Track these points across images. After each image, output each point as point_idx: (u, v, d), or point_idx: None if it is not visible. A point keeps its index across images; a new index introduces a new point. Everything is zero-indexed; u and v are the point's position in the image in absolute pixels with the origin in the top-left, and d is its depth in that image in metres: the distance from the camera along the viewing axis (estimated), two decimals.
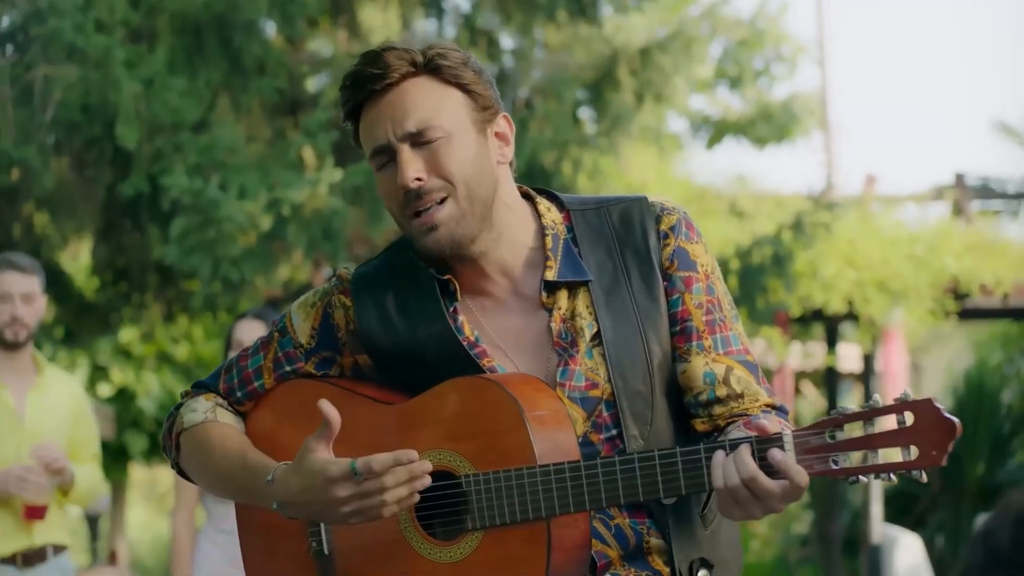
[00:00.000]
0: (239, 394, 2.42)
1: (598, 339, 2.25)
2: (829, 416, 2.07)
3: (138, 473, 16.66)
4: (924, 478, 2.04)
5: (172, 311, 8.79)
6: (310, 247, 7.10)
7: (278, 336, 2.41)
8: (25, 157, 6.57)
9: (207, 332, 12.39)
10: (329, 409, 2.16)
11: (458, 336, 2.27)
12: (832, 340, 12.05)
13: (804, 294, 10.21)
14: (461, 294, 2.31)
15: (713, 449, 2.10)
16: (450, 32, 8.44)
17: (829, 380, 12.53)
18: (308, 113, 7.57)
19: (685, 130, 11.82)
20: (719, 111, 11.49)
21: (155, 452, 13.02)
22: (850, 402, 15.57)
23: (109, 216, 7.75)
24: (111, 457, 12.81)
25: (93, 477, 5.14)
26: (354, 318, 2.35)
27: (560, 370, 2.25)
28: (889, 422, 2.03)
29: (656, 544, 2.25)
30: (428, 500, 2.19)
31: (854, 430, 2.05)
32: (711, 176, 14.79)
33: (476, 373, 2.24)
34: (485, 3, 8.32)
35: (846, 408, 2.06)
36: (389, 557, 2.24)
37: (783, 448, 2.07)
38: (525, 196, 2.35)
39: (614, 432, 2.23)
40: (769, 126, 10.73)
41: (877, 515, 11.10)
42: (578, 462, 2.16)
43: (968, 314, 11.43)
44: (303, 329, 2.39)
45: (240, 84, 7.27)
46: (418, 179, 2.22)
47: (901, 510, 12.16)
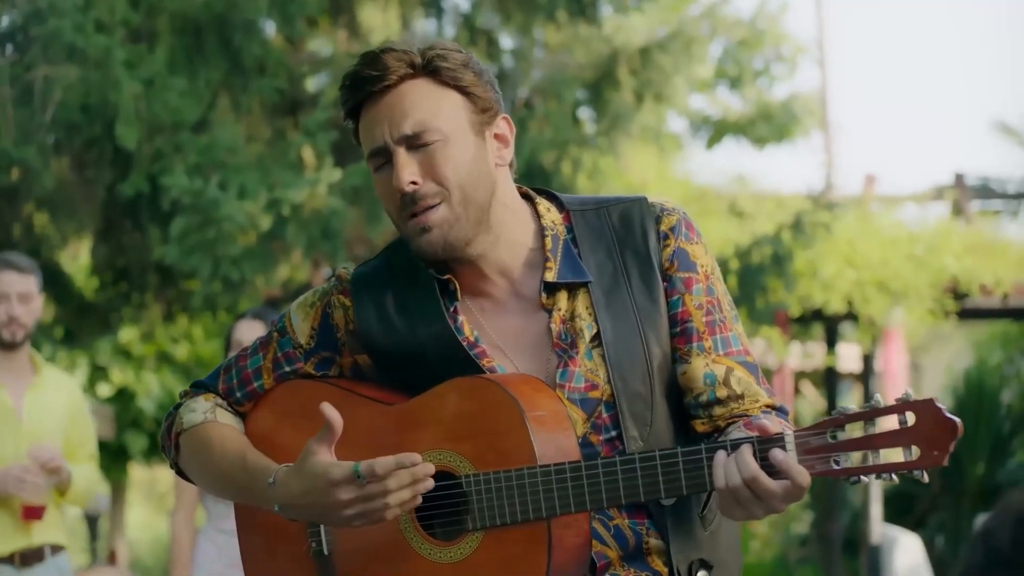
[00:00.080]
0: (238, 394, 2.41)
1: (598, 340, 2.25)
2: (830, 416, 2.07)
3: (138, 473, 16.66)
4: (925, 478, 2.04)
5: (172, 311, 8.79)
6: (309, 247, 7.09)
7: (277, 336, 2.41)
8: (25, 157, 6.57)
9: (207, 332, 12.39)
10: (331, 412, 2.16)
11: (458, 336, 2.27)
12: (832, 340, 12.05)
13: (804, 294, 10.20)
14: (461, 294, 2.30)
15: (714, 449, 2.10)
16: (450, 32, 8.43)
17: (829, 380, 12.53)
18: (308, 113, 7.57)
19: (685, 130, 11.83)
20: (719, 111, 11.50)
21: (155, 452, 13.01)
22: (850, 402, 15.55)
23: (109, 216, 7.75)
24: (111, 457, 12.81)
25: (90, 477, 5.14)
26: (353, 318, 2.34)
27: (560, 371, 2.25)
28: (890, 422, 2.03)
29: (655, 545, 2.25)
30: (428, 501, 2.19)
31: (855, 430, 2.05)
32: (711, 176, 14.81)
33: (476, 373, 2.24)
34: (485, 3, 8.31)
35: (847, 408, 2.06)
36: (389, 557, 2.24)
37: (784, 448, 2.07)
38: (525, 196, 2.34)
39: (614, 433, 2.23)
40: (769, 126, 10.74)
41: (877, 515, 11.09)
42: (579, 462, 2.16)
43: (968, 314, 11.43)
44: (302, 329, 2.39)
45: (240, 84, 7.26)
46: (413, 182, 2.22)
47: (901, 510, 12.15)
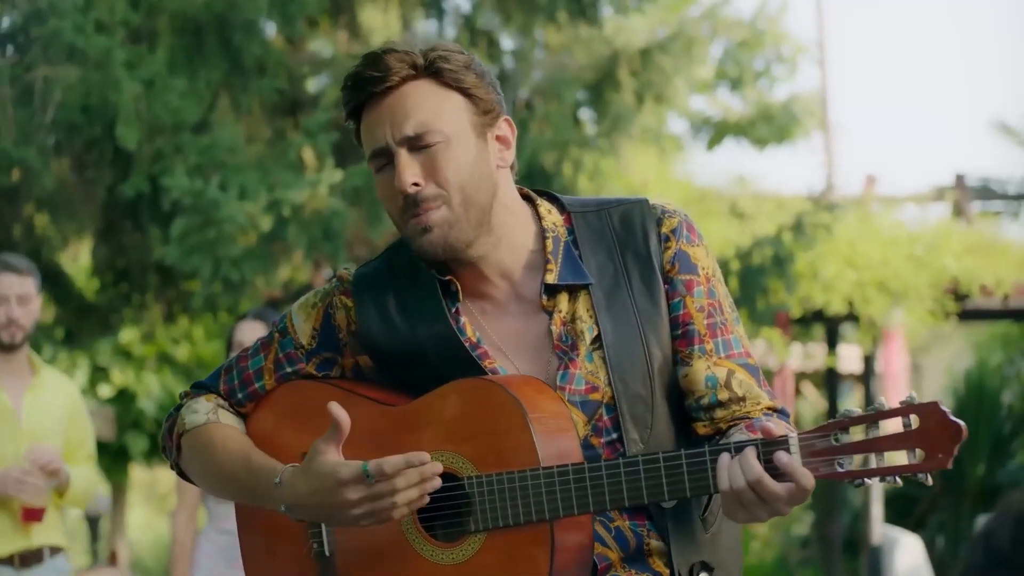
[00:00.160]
0: (240, 395, 2.41)
1: (598, 342, 2.25)
2: (835, 419, 2.07)
3: (139, 474, 16.66)
4: (929, 481, 2.04)
5: (172, 312, 8.78)
6: (310, 248, 7.09)
7: (279, 337, 2.40)
8: (25, 158, 6.57)
9: (207, 333, 12.39)
10: (339, 411, 2.15)
11: (460, 337, 2.26)
12: (832, 341, 12.05)
13: (804, 295, 10.20)
14: (462, 296, 2.30)
15: (718, 451, 2.10)
16: (450, 33, 8.43)
17: (829, 381, 12.54)
18: (308, 114, 7.57)
19: (685, 131, 11.84)
20: (719, 112, 11.50)
21: (155, 453, 13.02)
22: (850, 403, 15.59)
23: (109, 217, 7.75)
24: (112, 458, 12.83)
25: (89, 478, 5.14)
26: (355, 319, 2.34)
27: (560, 373, 2.24)
28: (894, 425, 2.03)
29: (656, 546, 2.24)
30: (430, 502, 2.18)
31: (859, 433, 2.05)
32: (711, 177, 14.84)
33: (478, 374, 2.23)
34: (485, 4, 8.31)
35: (851, 411, 2.06)
36: (390, 559, 2.24)
37: (789, 451, 2.06)
38: (526, 198, 2.34)
39: (614, 436, 2.23)
40: (769, 127, 10.74)
41: (877, 516, 11.09)
42: (582, 464, 2.15)
43: (968, 315, 11.43)
44: (304, 330, 2.38)
45: (240, 84, 7.27)
46: (415, 184, 2.22)
47: (901, 511, 12.15)
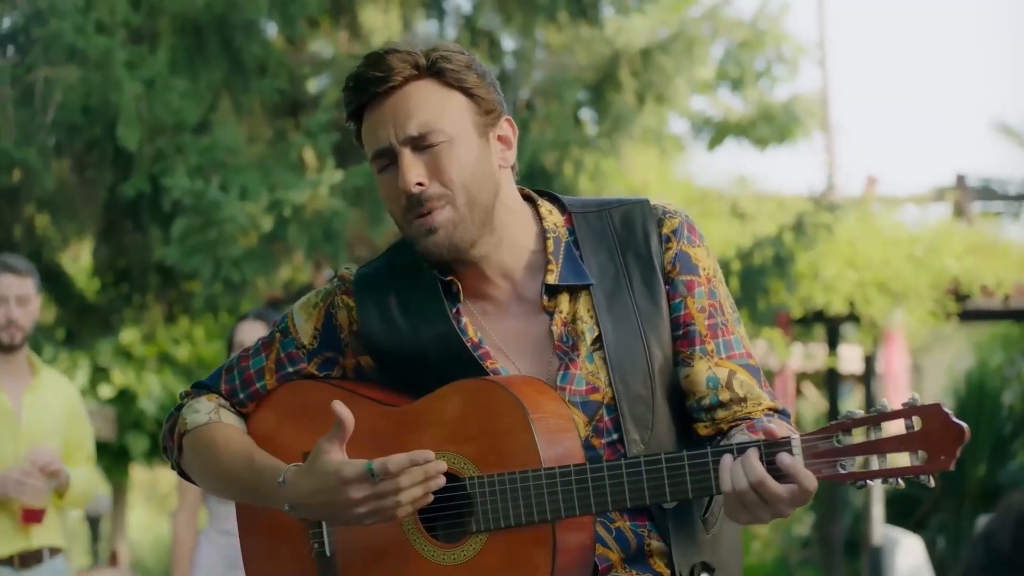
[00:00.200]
0: (241, 395, 2.41)
1: (599, 343, 2.24)
2: (837, 420, 2.07)
3: (139, 474, 16.65)
4: (932, 483, 2.04)
5: (173, 312, 8.78)
6: (311, 248, 7.09)
7: (280, 337, 2.40)
8: (26, 158, 6.57)
9: (208, 333, 12.39)
10: (342, 410, 2.15)
11: (462, 337, 2.26)
12: (833, 341, 12.05)
13: (805, 295, 10.20)
14: (463, 296, 2.30)
15: (720, 453, 2.10)
16: (451, 33, 8.43)
17: (830, 381, 12.54)
18: (309, 114, 7.57)
19: (686, 131, 11.83)
20: (720, 112, 11.49)
21: (156, 453, 13.02)
22: (851, 403, 15.57)
23: (110, 217, 7.74)
24: (112, 458, 12.83)
25: (88, 479, 5.14)
26: (357, 319, 2.34)
27: (561, 374, 2.24)
28: (897, 427, 2.02)
29: (657, 547, 2.24)
30: (432, 502, 2.18)
31: (862, 434, 2.04)
32: (712, 177, 14.84)
33: (479, 375, 2.23)
34: (486, 4, 8.31)
35: (854, 412, 2.05)
36: (391, 559, 2.24)
37: (791, 452, 2.06)
38: (527, 198, 2.34)
39: (615, 436, 2.23)
40: (770, 127, 10.74)
41: (878, 517, 11.09)
42: (584, 465, 2.15)
43: (969, 315, 11.42)
44: (305, 330, 2.38)
45: (241, 85, 7.26)
46: (419, 184, 2.21)
47: (902, 512, 12.14)
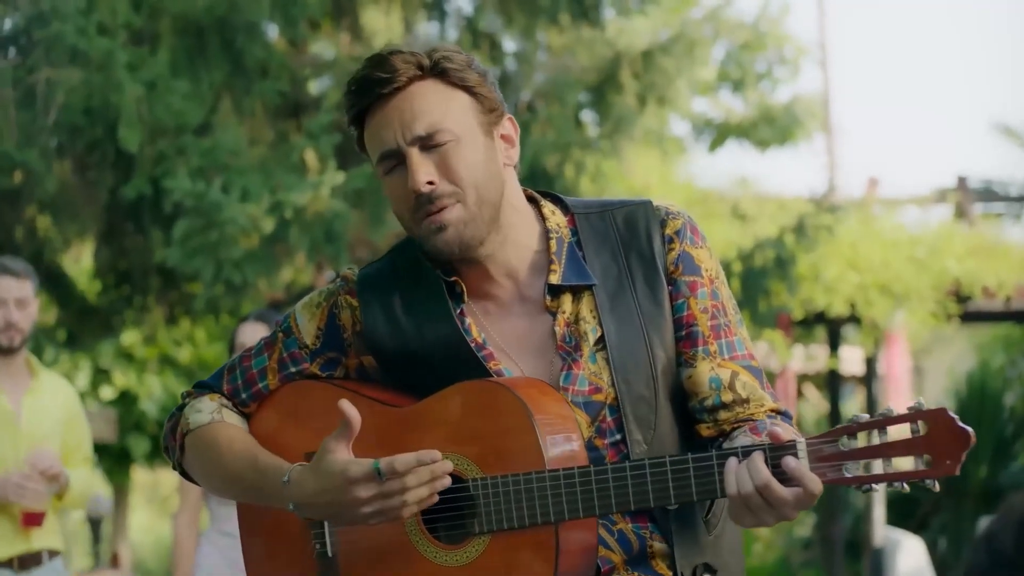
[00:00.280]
0: (244, 395, 2.40)
1: (602, 343, 2.24)
2: (843, 424, 2.06)
3: (140, 476, 16.64)
4: (937, 487, 2.04)
5: (174, 314, 8.78)
6: (312, 250, 7.09)
7: (283, 337, 2.39)
8: (27, 160, 6.56)
9: (209, 335, 12.39)
10: (349, 409, 2.15)
11: (466, 338, 2.26)
12: (834, 343, 12.05)
13: (806, 297, 10.20)
14: (466, 296, 2.30)
15: (725, 456, 2.09)
16: (452, 35, 8.43)
17: (831, 383, 12.54)
18: (310, 116, 7.56)
19: (687, 133, 11.85)
20: (721, 114, 11.50)
21: (157, 455, 13.02)
22: (852, 405, 15.54)
23: (111, 219, 7.74)
24: (114, 460, 12.83)
25: (86, 480, 5.15)
26: (360, 318, 2.33)
27: (563, 374, 2.24)
28: (902, 431, 2.02)
29: (659, 548, 2.24)
30: (434, 503, 2.18)
31: (867, 438, 2.04)
32: (713, 179, 14.85)
33: (483, 376, 2.23)
34: (487, 6, 8.31)
35: (860, 416, 2.05)
36: (393, 560, 2.23)
37: (797, 456, 2.06)
38: (530, 199, 2.34)
39: (618, 437, 2.23)
40: (771, 129, 10.75)
41: (879, 518, 11.09)
42: (587, 467, 2.15)
43: (970, 317, 11.42)
44: (308, 329, 2.37)
45: (242, 87, 7.26)
46: (430, 183, 2.21)
47: (903, 513, 12.14)
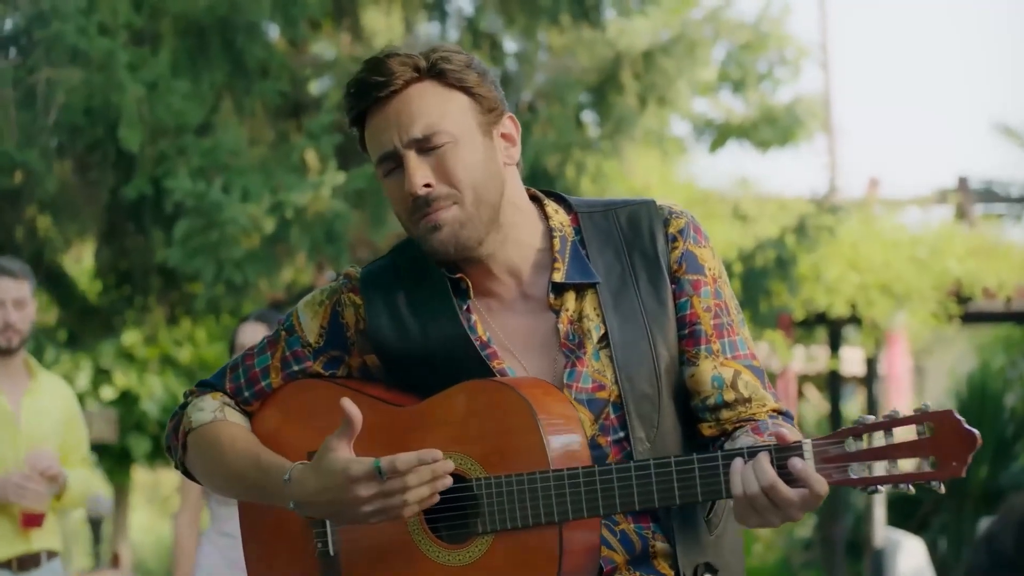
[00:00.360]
0: (246, 394, 2.40)
1: (605, 341, 2.25)
2: (849, 425, 2.06)
3: (141, 476, 16.65)
4: (942, 489, 2.04)
5: (175, 314, 8.78)
6: (313, 250, 7.09)
7: (285, 335, 2.39)
8: (28, 160, 6.56)
9: (210, 335, 12.39)
10: (351, 407, 2.15)
11: (471, 336, 2.26)
12: (835, 343, 12.05)
13: (807, 297, 10.20)
14: (472, 293, 2.29)
15: (731, 456, 2.09)
16: (453, 35, 8.42)
17: (832, 383, 12.54)
18: (311, 116, 7.56)
19: (688, 133, 11.85)
20: (722, 114, 11.50)
21: (158, 455, 13.03)
22: (853, 405, 15.54)
23: (112, 219, 7.74)
24: (114, 460, 12.83)
25: (84, 481, 5.16)
26: (364, 316, 2.33)
27: (567, 372, 2.24)
28: (908, 432, 2.02)
29: (661, 548, 2.24)
30: (437, 502, 2.17)
31: (873, 440, 2.04)
32: (714, 179, 14.86)
33: (486, 374, 2.23)
34: (488, 6, 8.30)
35: (865, 418, 2.05)
36: (396, 559, 2.23)
37: (803, 457, 2.06)
38: (533, 198, 2.34)
39: (621, 434, 2.23)
40: (772, 129, 10.75)
41: (880, 519, 11.09)
42: (592, 467, 2.15)
43: (971, 317, 11.43)
44: (311, 328, 2.37)
45: (243, 87, 7.26)
46: (427, 185, 2.21)
47: (904, 514, 12.14)
